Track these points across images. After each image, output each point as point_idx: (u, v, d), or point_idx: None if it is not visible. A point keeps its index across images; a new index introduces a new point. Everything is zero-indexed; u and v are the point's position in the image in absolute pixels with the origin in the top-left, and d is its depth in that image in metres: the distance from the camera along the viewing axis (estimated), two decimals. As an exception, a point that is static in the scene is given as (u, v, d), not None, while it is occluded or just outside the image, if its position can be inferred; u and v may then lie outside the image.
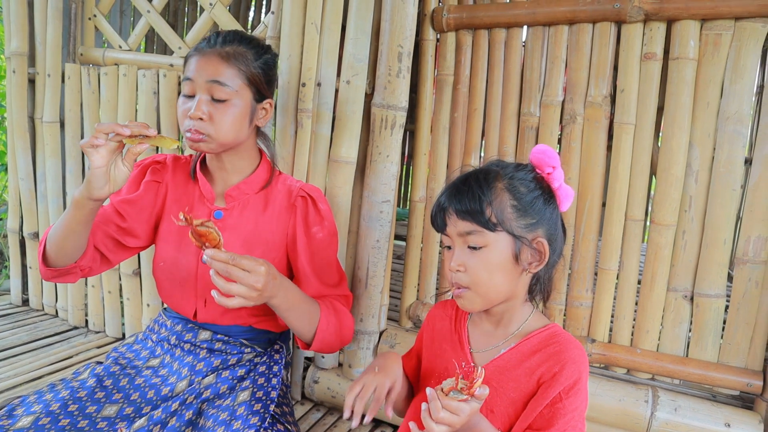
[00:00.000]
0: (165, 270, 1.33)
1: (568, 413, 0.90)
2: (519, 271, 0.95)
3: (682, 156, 1.46)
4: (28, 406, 1.11)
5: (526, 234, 0.94)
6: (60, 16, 2.07)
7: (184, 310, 1.33)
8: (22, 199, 2.28)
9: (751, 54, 1.39)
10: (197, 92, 1.19)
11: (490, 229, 0.92)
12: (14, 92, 2.18)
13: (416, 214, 1.85)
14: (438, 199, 0.99)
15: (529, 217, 0.94)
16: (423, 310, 1.83)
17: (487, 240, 0.92)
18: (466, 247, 0.94)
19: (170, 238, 1.33)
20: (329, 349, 1.29)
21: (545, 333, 0.98)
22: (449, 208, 0.95)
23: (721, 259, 1.45)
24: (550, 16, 1.57)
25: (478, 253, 0.93)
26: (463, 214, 0.93)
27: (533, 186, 0.96)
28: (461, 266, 0.94)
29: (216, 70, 1.19)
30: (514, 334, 0.99)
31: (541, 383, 0.93)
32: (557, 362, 0.92)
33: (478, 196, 0.92)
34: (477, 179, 0.95)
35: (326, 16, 1.60)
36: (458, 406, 0.80)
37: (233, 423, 1.10)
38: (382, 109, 1.57)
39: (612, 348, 1.56)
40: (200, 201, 1.32)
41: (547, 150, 0.97)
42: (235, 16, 3.63)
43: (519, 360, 0.96)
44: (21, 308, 2.41)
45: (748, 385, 1.42)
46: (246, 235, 1.29)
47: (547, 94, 1.62)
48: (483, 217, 0.92)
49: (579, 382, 0.91)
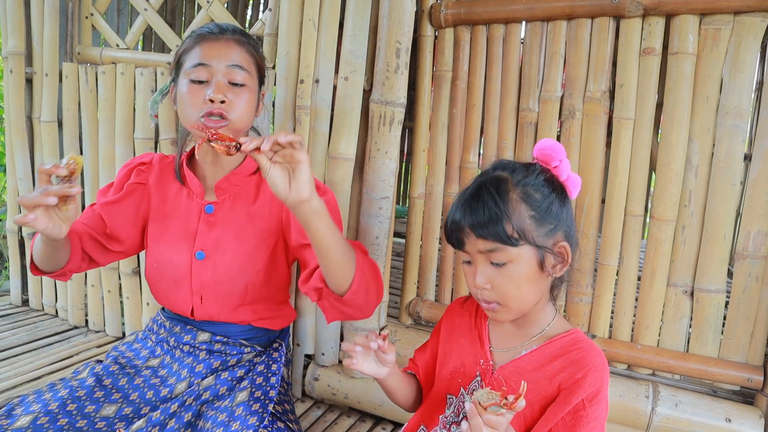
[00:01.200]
0: (158, 271, 1.32)
1: (591, 421, 0.89)
2: (545, 277, 0.94)
3: (681, 151, 1.45)
4: (26, 405, 1.10)
5: (548, 241, 0.92)
6: (57, 15, 2.07)
7: (181, 309, 1.32)
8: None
9: (750, 48, 1.38)
10: (214, 76, 1.18)
11: (512, 245, 0.89)
12: (12, 92, 2.17)
13: (415, 211, 1.85)
14: (451, 216, 0.95)
15: (548, 223, 0.91)
16: (423, 306, 1.83)
17: (510, 256, 0.90)
18: (488, 263, 0.92)
19: (161, 239, 1.32)
20: (367, 298, 1.16)
21: (567, 338, 0.96)
22: (465, 227, 0.92)
23: (721, 255, 1.45)
24: (549, 11, 1.56)
25: (502, 269, 0.91)
26: (481, 232, 0.90)
27: (547, 190, 0.93)
28: (486, 283, 0.92)
29: (235, 54, 1.20)
30: (536, 337, 0.98)
31: (561, 389, 0.92)
32: (580, 368, 0.91)
33: (495, 214, 0.89)
34: (490, 192, 0.91)
35: (324, 13, 1.59)
36: (498, 420, 0.79)
37: (231, 424, 1.09)
38: (380, 105, 1.57)
39: (612, 344, 1.55)
40: (189, 197, 1.31)
41: (551, 144, 0.96)
42: (232, 13, 3.62)
43: (540, 363, 0.95)
44: (21, 308, 2.41)
45: (748, 380, 1.42)
46: (238, 228, 1.28)
47: (545, 90, 1.61)
48: (504, 235, 0.88)
49: (601, 391, 0.90)
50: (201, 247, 1.27)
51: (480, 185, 0.94)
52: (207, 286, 1.28)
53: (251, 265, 1.28)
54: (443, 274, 1.82)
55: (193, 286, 1.28)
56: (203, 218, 1.29)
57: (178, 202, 1.32)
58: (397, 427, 1.70)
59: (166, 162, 1.38)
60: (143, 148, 1.96)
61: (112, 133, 2.00)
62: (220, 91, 1.16)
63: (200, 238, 1.28)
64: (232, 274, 1.27)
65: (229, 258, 1.27)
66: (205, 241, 1.28)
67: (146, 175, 1.35)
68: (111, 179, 2.01)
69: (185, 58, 1.22)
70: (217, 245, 1.27)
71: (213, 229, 1.28)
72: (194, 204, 1.30)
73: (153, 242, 1.33)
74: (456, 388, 1.03)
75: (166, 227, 1.32)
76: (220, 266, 1.27)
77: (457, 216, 0.93)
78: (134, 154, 1.98)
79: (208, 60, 1.18)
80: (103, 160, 2.04)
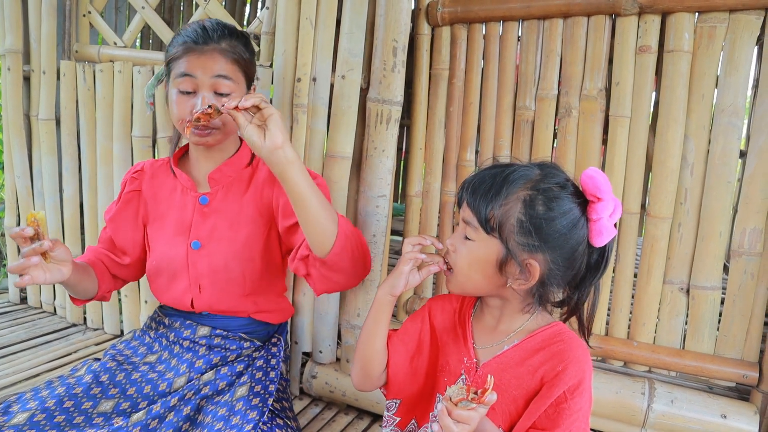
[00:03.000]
0: (157, 267, 1.34)
1: (573, 413, 0.89)
2: (502, 280, 0.94)
3: (677, 149, 1.46)
4: (24, 402, 1.11)
5: (520, 251, 0.90)
6: (54, 13, 2.07)
7: (180, 302, 1.33)
8: (18, 196, 2.28)
9: (745, 46, 1.39)
10: (200, 89, 1.21)
11: (485, 230, 0.92)
12: (9, 90, 2.17)
13: (412, 209, 1.85)
14: (468, 177, 0.99)
15: (532, 237, 0.88)
16: (420, 304, 1.83)
17: (477, 236, 0.93)
18: (464, 232, 0.96)
19: (159, 237, 1.35)
20: (352, 261, 1.20)
21: (549, 331, 0.96)
22: (467, 192, 0.95)
23: (716, 252, 1.45)
24: (545, 9, 1.56)
25: (468, 242, 0.95)
26: (472, 203, 0.93)
27: (555, 213, 0.88)
28: (452, 246, 0.98)
29: (220, 66, 1.22)
30: (516, 331, 0.98)
31: (544, 382, 0.92)
32: (561, 361, 0.91)
33: (491, 197, 0.91)
34: (504, 177, 0.92)
35: (321, 11, 1.59)
36: (468, 415, 0.80)
37: (232, 418, 1.10)
38: (377, 103, 1.57)
39: (608, 341, 1.56)
40: (183, 192, 1.34)
41: (596, 176, 0.89)
42: (230, 11, 3.63)
43: (522, 357, 0.95)
44: (19, 306, 2.41)
45: (744, 376, 1.43)
46: (232, 217, 1.30)
47: (542, 88, 1.62)
48: (484, 216, 0.91)
49: (583, 382, 0.90)
50: (196, 237, 1.30)
51: (500, 169, 0.95)
52: (204, 275, 1.30)
53: (246, 253, 1.30)
54: (440, 273, 1.82)
55: (191, 275, 1.30)
56: (197, 209, 1.31)
57: (173, 199, 1.35)
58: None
59: (158, 165, 1.41)
60: (141, 146, 1.96)
61: (109, 131, 2.01)
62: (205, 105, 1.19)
63: (195, 228, 1.30)
64: (227, 261, 1.29)
65: (224, 246, 1.29)
66: (200, 231, 1.30)
67: (139, 182, 1.39)
68: (108, 177, 2.03)
69: (173, 65, 1.25)
70: (212, 234, 1.30)
71: (207, 219, 1.31)
72: (189, 197, 1.33)
73: (152, 242, 1.36)
74: (442, 387, 1.04)
75: (162, 225, 1.34)
76: (216, 254, 1.29)
77: (468, 180, 0.97)
78: (132, 152, 1.99)
79: (193, 72, 1.21)
80: (101, 158, 2.04)
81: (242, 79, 1.28)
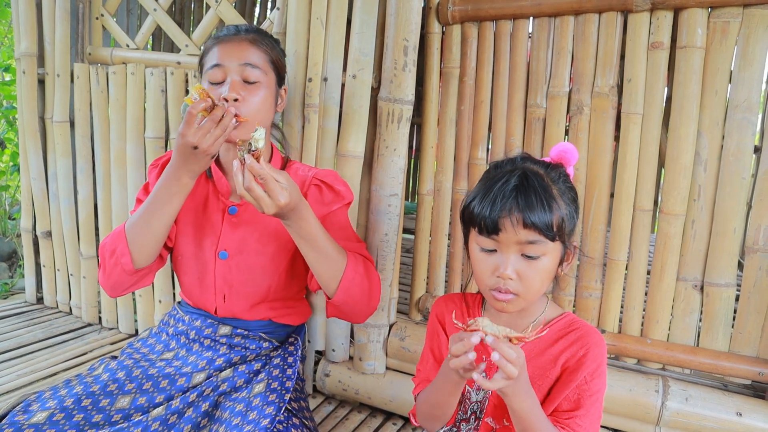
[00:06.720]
0: (183, 264, 1.35)
1: (593, 394, 0.94)
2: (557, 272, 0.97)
3: (690, 145, 1.45)
4: (43, 402, 1.12)
5: (571, 239, 0.96)
6: (68, 16, 2.09)
7: (204, 306, 1.35)
8: (34, 198, 2.31)
9: (759, 41, 1.38)
10: (228, 76, 1.22)
11: (551, 240, 0.90)
12: (25, 93, 2.20)
13: (424, 207, 1.85)
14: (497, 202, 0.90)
15: (572, 222, 0.95)
16: (432, 302, 1.83)
17: (545, 249, 0.91)
18: (520, 254, 0.91)
19: (187, 231, 1.33)
20: (354, 304, 1.22)
21: (563, 321, 1.01)
22: (514, 215, 0.88)
23: (731, 248, 1.44)
24: (556, 6, 1.56)
25: (534, 262, 0.91)
26: (533, 220, 0.88)
27: (574, 190, 0.98)
28: (515, 274, 0.91)
29: (247, 53, 1.23)
30: (532, 324, 1.00)
31: (565, 368, 0.96)
32: (581, 347, 0.96)
33: (548, 205, 0.89)
34: (542, 184, 0.91)
35: (331, 11, 1.60)
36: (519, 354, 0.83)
37: (249, 414, 1.12)
38: (388, 102, 1.58)
39: (622, 338, 1.55)
40: (214, 195, 1.33)
41: (569, 148, 1.00)
42: (240, 12, 3.64)
43: (542, 348, 0.99)
44: (36, 306, 2.44)
45: (759, 374, 1.42)
46: (261, 230, 1.30)
47: (553, 86, 1.61)
48: (550, 227, 0.89)
49: (602, 365, 0.95)
50: (224, 247, 1.30)
51: (525, 176, 0.91)
52: (230, 286, 1.31)
53: (274, 267, 1.31)
54: (452, 270, 1.82)
55: (217, 285, 1.31)
56: (227, 219, 1.30)
57: (204, 196, 1.34)
58: (407, 423, 1.71)
59: None
60: (154, 148, 1.98)
61: (123, 133, 2.03)
62: (234, 89, 1.19)
63: (224, 238, 1.30)
64: (254, 275, 1.30)
65: (251, 260, 1.30)
66: (229, 241, 1.30)
67: None
68: (122, 178, 2.05)
69: (205, 60, 1.27)
70: (240, 247, 1.30)
71: (236, 231, 1.30)
72: (219, 203, 1.32)
73: (180, 234, 1.34)
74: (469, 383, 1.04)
75: (190, 219, 1.33)
76: (243, 267, 1.30)
77: (508, 204, 0.89)
78: (145, 154, 2.01)
79: (222, 60, 1.22)
80: (115, 160, 2.06)
81: (271, 71, 1.28)
